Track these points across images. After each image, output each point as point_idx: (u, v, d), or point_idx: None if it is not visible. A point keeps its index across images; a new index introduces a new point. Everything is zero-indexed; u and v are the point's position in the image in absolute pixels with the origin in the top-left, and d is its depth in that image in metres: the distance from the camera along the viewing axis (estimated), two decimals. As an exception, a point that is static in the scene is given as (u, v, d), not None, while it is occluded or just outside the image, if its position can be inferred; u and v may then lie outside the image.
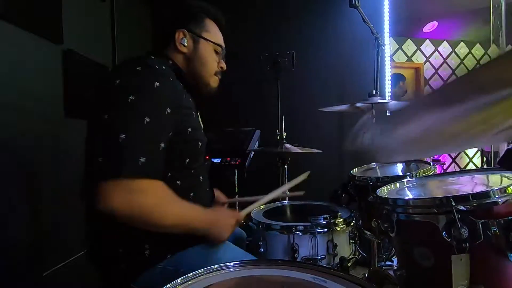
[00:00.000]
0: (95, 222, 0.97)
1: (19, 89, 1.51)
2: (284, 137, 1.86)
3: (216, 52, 1.12)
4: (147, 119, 0.83)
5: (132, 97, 0.83)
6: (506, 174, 0.92)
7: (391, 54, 4.32)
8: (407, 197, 0.93)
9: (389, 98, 2.94)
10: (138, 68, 0.89)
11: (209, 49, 1.10)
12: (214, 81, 1.14)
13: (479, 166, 4.28)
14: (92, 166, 0.85)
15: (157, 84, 0.87)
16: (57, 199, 1.68)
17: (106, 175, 0.80)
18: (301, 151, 1.80)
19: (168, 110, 0.88)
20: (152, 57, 1.03)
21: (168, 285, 0.61)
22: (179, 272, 0.85)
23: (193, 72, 1.09)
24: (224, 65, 1.15)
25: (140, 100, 0.84)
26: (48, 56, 1.74)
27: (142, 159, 0.81)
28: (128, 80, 0.88)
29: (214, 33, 1.11)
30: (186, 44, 1.06)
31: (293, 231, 1.10)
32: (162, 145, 0.86)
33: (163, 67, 0.97)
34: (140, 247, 0.92)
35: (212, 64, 1.11)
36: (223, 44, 1.14)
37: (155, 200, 0.84)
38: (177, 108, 0.92)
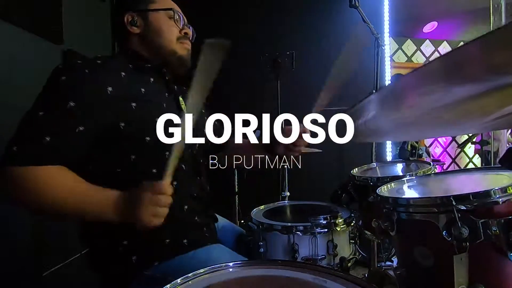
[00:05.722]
0: (86, 228, 0.97)
1: (19, 89, 1.51)
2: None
3: (171, 18, 1.04)
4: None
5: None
6: (507, 174, 0.91)
7: (391, 54, 4.32)
8: (407, 196, 0.93)
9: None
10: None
11: (161, 18, 1.03)
12: (180, 48, 1.05)
13: (479, 166, 4.28)
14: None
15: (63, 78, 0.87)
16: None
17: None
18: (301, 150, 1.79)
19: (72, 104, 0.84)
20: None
21: (168, 285, 0.61)
22: (168, 279, 0.84)
23: (152, 47, 1.03)
24: (188, 31, 1.07)
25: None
26: (48, 56, 1.74)
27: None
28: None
29: (161, 0, 1.05)
30: (138, 24, 1.01)
31: (293, 231, 1.09)
32: (48, 138, 0.83)
33: (98, 61, 0.91)
34: (127, 254, 0.91)
35: (168, 30, 1.03)
36: (175, 7, 1.06)
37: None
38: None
